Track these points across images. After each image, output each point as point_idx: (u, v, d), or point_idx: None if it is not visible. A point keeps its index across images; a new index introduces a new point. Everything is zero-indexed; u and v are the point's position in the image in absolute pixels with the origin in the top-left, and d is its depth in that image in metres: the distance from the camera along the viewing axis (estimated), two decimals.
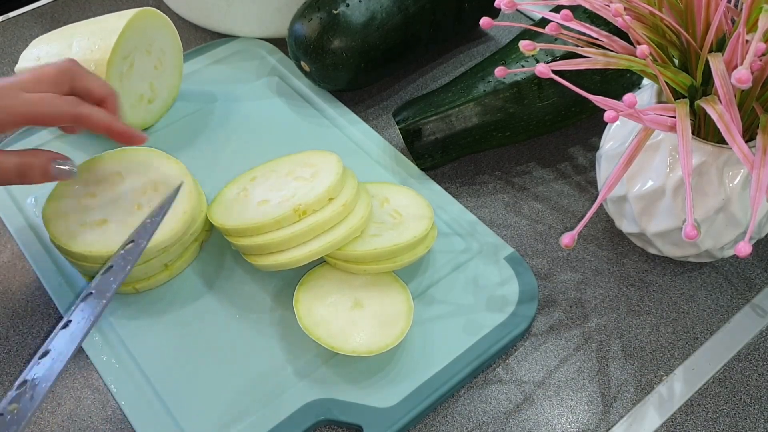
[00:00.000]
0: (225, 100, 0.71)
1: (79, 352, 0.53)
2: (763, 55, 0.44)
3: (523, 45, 0.48)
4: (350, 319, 0.51)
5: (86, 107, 0.49)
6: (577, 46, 0.50)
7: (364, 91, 0.73)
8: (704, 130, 0.50)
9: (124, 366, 0.51)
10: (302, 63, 0.68)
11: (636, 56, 0.44)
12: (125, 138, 0.52)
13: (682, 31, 0.47)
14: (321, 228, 0.52)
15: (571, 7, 0.52)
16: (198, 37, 0.79)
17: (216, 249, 0.58)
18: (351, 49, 0.66)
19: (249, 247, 0.52)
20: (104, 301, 0.47)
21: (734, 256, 0.58)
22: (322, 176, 0.54)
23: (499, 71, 0.49)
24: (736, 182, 0.49)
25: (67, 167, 0.50)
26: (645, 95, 0.54)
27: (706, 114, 0.47)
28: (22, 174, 0.48)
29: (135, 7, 0.64)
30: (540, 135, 0.65)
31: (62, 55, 0.61)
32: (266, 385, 0.50)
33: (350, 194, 0.53)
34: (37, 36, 0.77)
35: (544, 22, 0.62)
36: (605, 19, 0.50)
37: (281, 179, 0.56)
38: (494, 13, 0.73)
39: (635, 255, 0.59)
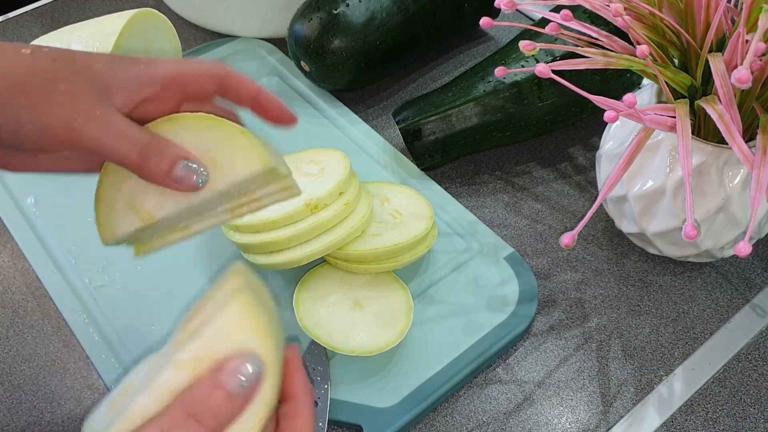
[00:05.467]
0: (225, 100, 0.71)
1: (80, 351, 0.53)
2: (763, 55, 0.44)
3: (523, 45, 0.48)
4: (350, 319, 0.51)
5: (232, 69, 0.40)
6: (577, 46, 0.50)
7: (364, 91, 0.73)
8: (704, 130, 0.50)
9: (125, 366, 0.51)
10: (302, 63, 0.68)
11: (636, 56, 0.44)
12: (274, 114, 0.41)
13: (682, 31, 0.47)
14: (324, 226, 0.52)
15: (571, 7, 0.52)
16: (198, 37, 0.79)
17: (217, 249, 0.58)
18: (351, 49, 0.66)
19: (253, 245, 0.52)
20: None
21: (734, 256, 0.58)
22: (331, 171, 0.54)
23: (499, 71, 0.49)
24: (736, 182, 0.49)
25: (198, 169, 0.37)
26: (645, 95, 0.54)
27: (706, 114, 0.47)
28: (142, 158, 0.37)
29: (135, 7, 0.64)
30: (540, 135, 0.65)
31: None
32: None
33: (353, 193, 0.53)
34: (38, 36, 0.77)
35: (544, 22, 0.62)
36: (605, 19, 0.50)
37: None
38: (494, 13, 0.73)
39: (635, 255, 0.59)
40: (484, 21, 0.50)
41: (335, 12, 0.65)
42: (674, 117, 0.44)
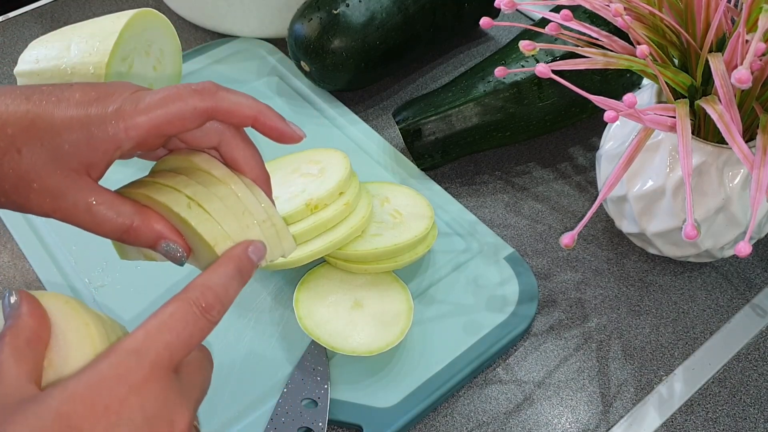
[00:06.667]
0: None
1: None
2: (763, 55, 0.44)
3: (523, 45, 0.48)
4: (350, 319, 0.51)
5: (222, 97, 0.38)
6: (577, 46, 0.50)
7: (364, 91, 0.73)
8: (704, 130, 0.50)
9: None
10: (302, 63, 0.68)
11: (636, 56, 0.44)
12: (274, 135, 0.40)
13: (682, 31, 0.47)
14: (324, 226, 0.52)
15: (571, 7, 0.52)
16: (198, 37, 0.79)
17: None
18: (351, 49, 0.66)
19: None
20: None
21: (734, 256, 0.58)
22: (331, 171, 0.54)
23: (498, 71, 0.49)
24: (736, 182, 0.49)
25: (178, 250, 0.39)
26: (645, 95, 0.54)
27: (706, 114, 0.47)
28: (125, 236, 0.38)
29: (135, 7, 0.64)
30: (540, 135, 0.65)
31: (61, 58, 0.61)
32: (266, 384, 0.50)
33: (353, 193, 0.53)
34: (37, 36, 0.77)
35: (544, 22, 0.62)
36: (605, 19, 0.50)
37: (287, 176, 0.56)
38: (494, 13, 0.73)
39: (635, 255, 0.59)
40: (484, 21, 0.50)
41: (335, 12, 0.65)
42: (674, 117, 0.44)
